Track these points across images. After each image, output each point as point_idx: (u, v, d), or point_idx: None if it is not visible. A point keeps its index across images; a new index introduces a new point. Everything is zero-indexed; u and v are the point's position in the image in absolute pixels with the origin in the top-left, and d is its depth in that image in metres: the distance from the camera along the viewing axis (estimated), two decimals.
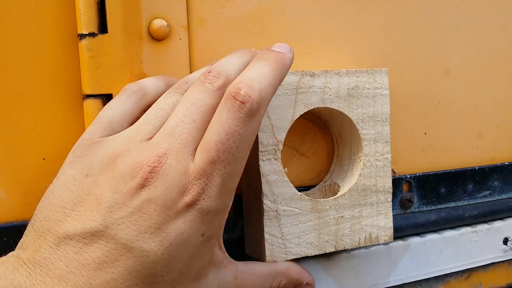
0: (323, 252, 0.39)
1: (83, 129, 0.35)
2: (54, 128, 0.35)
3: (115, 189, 0.29)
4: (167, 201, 0.29)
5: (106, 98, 0.35)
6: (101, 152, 0.31)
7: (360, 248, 0.45)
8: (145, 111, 0.33)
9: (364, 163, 0.40)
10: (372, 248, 0.45)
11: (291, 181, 0.41)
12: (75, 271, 0.28)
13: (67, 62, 0.35)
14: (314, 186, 0.43)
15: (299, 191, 0.39)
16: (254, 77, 0.31)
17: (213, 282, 0.33)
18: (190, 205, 0.29)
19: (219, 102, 0.31)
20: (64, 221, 0.29)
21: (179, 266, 0.30)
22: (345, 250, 0.45)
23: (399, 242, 0.47)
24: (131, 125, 0.33)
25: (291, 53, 0.34)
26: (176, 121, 0.31)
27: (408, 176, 0.46)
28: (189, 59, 0.38)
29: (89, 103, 0.35)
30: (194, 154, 0.30)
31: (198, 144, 0.31)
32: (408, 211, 0.47)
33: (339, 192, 0.40)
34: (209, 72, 0.32)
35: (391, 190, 0.41)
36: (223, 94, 0.31)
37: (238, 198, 0.41)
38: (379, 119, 0.40)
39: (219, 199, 0.30)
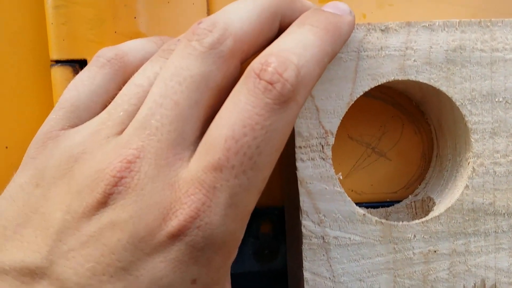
0: None
1: None
2: (19, 107, 0.26)
3: (67, 208, 0.19)
4: (139, 229, 0.19)
5: (80, 65, 0.25)
6: (58, 152, 0.21)
7: None
8: None
9: (473, 168, 0.25)
10: None
11: (362, 194, 0.28)
12: None
13: (32, 17, 0.26)
14: (400, 201, 0.29)
15: (374, 207, 0.26)
16: (292, 48, 0.20)
17: None
18: (176, 235, 0.19)
19: (218, 71, 0.20)
20: (3, 248, 0.20)
21: None
22: None
23: None
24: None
25: (352, 16, 0.23)
26: (151, 106, 0.20)
27: None
28: (207, 6, 0.26)
29: (57, 72, 0.25)
30: (186, 158, 0.20)
31: (192, 141, 0.20)
32: None
33: (431, 212, 0.26)
34: (198, 24, 0.20)
35: None
36: (222, 57, 0.20)
37: (280, 213, 0.28)
38: (501, 100, 0.25)
39: (224, 227, 0.19)
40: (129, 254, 0.18)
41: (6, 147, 0.26)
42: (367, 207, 0.28)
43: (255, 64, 0.19)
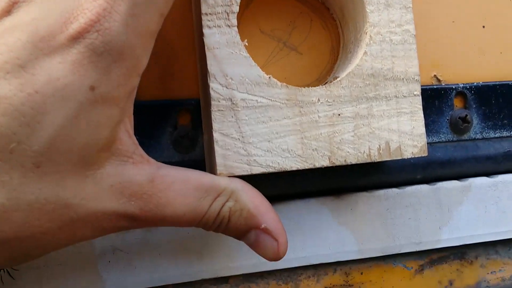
0: (311, 166, 0.26)
1: None
2: None
3: None
4: (40, 29, 0.20)
5: None
6: None
7: (387, 186, 0.31)
8: None
9: (371, 36, 0.27)
10: (408, 188, 0.31)
11: None
12: None
13: None
14: None
15: None
16: None
17: (111, 178, 0.22)
18: (76, 37, 0.20)
19: None
20: None
21: (49, 131, 0.19)
22: (365, 189, 0.31)
23: (455, 183, 0.32)
24: None
25: None
26: None
27: (461, 86, 0.32)
28: None
29: None
30: None
31: None
32: (465, 136, 0.32)
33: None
34: None
35: (418, 78, 0.27)
36: None
37: (197, 104, 0.29)
38: None
39: (123, 37, 0.20)
40: (27, 53, 0.19)
41: None
42: None
43: None
